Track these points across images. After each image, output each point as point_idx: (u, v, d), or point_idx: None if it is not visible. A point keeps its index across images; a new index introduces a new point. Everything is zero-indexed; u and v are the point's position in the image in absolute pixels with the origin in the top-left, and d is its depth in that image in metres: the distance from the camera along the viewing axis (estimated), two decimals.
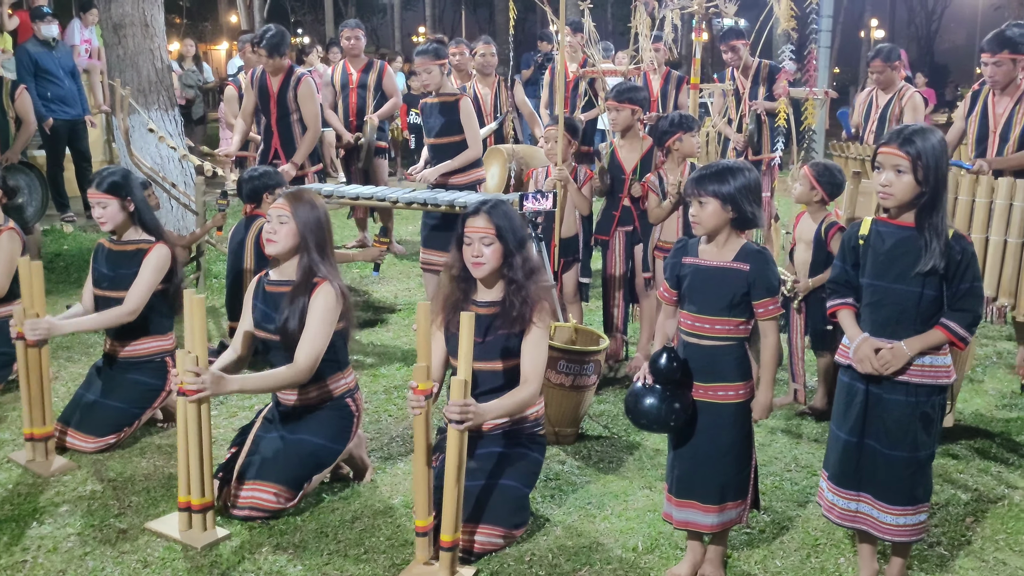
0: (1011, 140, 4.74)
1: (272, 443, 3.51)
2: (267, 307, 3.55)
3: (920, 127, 2.73)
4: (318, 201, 3.60)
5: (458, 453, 2.91)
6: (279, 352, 3.52)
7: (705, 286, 2.88)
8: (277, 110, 6.15)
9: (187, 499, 3.25)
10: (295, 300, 3.46)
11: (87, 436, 3.95)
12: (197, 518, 3.24)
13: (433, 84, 5.55)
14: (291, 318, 3.44)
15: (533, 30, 23.07)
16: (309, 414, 3.57)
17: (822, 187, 4.23)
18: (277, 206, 3.53)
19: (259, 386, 3.47)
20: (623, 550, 3.20)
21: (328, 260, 3.55)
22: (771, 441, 4.17)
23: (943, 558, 3.18)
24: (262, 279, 3.64)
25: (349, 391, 3.65)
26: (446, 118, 5.58)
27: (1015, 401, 4.65)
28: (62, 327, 3.91)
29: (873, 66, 6.18)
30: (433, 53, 5.58)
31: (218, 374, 3.22)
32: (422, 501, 2.99)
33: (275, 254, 3.54)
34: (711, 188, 2.83)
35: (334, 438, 3.56)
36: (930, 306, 2.72)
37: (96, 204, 4.05)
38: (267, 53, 6.00)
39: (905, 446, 2.76)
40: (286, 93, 6.12)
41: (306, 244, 3.49)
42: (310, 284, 3.47)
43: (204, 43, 31.99)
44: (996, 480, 3.79)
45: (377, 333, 5.81)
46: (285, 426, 3.56)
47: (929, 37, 37.24)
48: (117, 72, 7.26)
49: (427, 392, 2.94)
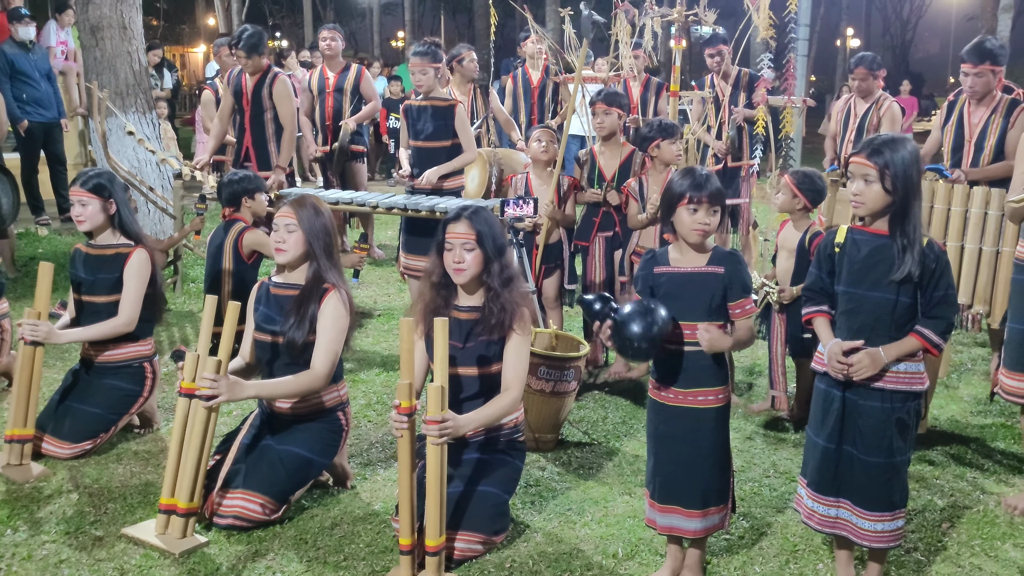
0: (986, 149, 4.80)
1: (260, 453, 3.48)
2: (270, 310, 3.53)
3: (891, 137, 2.76)
4: (322, 206, 3.59)
5: (438, 461, 2.92)
6: (282, 358, 3.50)
7: (682, 292, 2.90)
8: (251, 108, 6.12)
9: (172, 502, 3.23)
10: (304, 305, 3.44)
11: (63, 442, 3.90)
12: (179, 522, 3.22)
13: (426, 86, 5.53)
14: (298, 323, 3.42)
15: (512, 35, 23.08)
16: (299, 425, 3.54)
17: (804, 194, 4.26)
18: (283, 214, 3.51)
19: (275, 391, 3.45)
20: (603, 556, 3.21)
21: (335, 265, 3.55)
22: (749, 447, 4.19)
23: (920, 563, 3.20)
24: (266, 283, 3.62)
25: (341, 404, 3.63)
26: (437, 122, 5.57)
27: (990, 407, 4.70)
28: (59, 336, 3.89)
29: (856, 73, 6.22)
30: (431, 55, 5.57)
31: (234, 379, 3.21)
32: (407, 519, 2.98)
33: (286, 262, 3.53)
34: (720, 197, 2.89)
35: (322, 452, 3.54)
36: (905, 313, 2.75)
37: (77, 202, 4.01)
38: (245, 53, 5.97)
39: (882, 452, 2.79)
40: (260, 91, 6.09)
41: (314, 250, 3.49)
42: (320, 290, 3.46)
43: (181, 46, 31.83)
44: (971, 486, 3.83)
45: (357, 339, 5.78)
46: (274, 436, 3.53)
47: (904, 46, 37.64)
48: (94, 74, 7.21)
49: (410, 411, 2.93)
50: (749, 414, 4.58)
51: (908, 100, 14.14)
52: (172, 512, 3.24)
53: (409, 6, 30.89)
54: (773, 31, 5.42)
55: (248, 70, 6.07)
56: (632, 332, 2.78)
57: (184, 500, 3.22)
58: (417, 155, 5.73)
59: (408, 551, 2.98)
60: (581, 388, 4.64)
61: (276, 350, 3.51)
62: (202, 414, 3.19)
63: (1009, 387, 3.58)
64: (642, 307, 2.82)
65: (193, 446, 3.21)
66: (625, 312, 2.82)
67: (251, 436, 3.57)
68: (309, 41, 23.33)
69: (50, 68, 8.70)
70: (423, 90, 5.53)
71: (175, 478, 3.25)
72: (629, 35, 5.85)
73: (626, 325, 2.80)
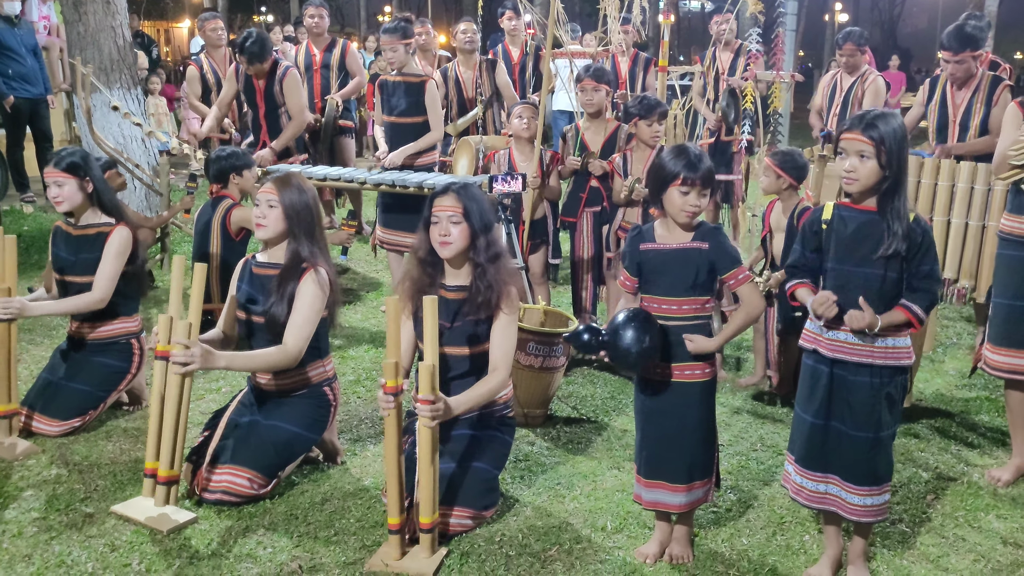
0: (971, 129, 4.81)
1: (247, 428, 3.49)
2: (253, 288, 3.54)
3: (881, 112, 2.77)
4: (306, 184, 3.58)
5: (430, 441, 2.94)
6: (262, 335, 3.50)
7: (668, 268, 2.91)
8: (265, 104, 6.14)
9: (154, 466, 3.25)
10: (283, 284, 3.44)
11: (52, 420, 3.90)
12: (161, 490, 3.23)
13: (398, 63, 5.52)
14: (278, 302, 3.43)
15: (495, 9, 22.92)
16: (286, 400, 3.56)
17: (787, 174, 4.27)
18: (265, 190, 3.51)
19: (247, 364, 3.46)
20: (592, 530, 3.23)
21: (317, 244, 3.54)
22: (736, 421, 4.23)
23: (905, 535, 3.24)
24: (249, 261, 3.62)
25: (327, 379, 3.64)
26: (410, 99, 5.54)
27: (974, 381, 4.74)
28: (32, 308, 3.86)
29: (844, 49, 6.22)
30: (401, 32, 5.53)
31: (207, 348, 3.20)
32: (395, 499, 2.99)
33: (265, 238, 3.53)
34: (711, 177, 2.87)
35: (310, 427, 3.55)
36: (892, 288, 2.77)
37: (52, 183, 3.98)
38: (248, 61, 5.94)
39: (870, 426, 2.81)
40: (272, 87, 6.09)
41: (294, 228, 3.48)
42: (299, 269, 3.46)
43: (166, 20, 31.49)
44: (956, 459, 3.87)
45: (345, 315, 5.79)
46: (261, 411, 3.55)
47: (892, 21, 37.62)
48: (78, 50, 7.13)
49: (396, 390, 2.93)
50: (737, 388, 4.61)
51: (896, 75, 14.16)
52: (153, 477, 3.25)
53: None
54: (762, 5, 5.41)
55: (252, 73, 6.04)
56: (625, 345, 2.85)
57: (164, 467, 3.23)
58: (390, 131, 5.71)
59: (396, 530, 3.00)
60: (570, 363, 4.67)
61: (258, 328, 3.51)
62: (175, 380, 3.20)
63: (993, 361, 3.61)
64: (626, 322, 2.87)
65: (170, 412, 3.22)
66: (613, 328, 2.88)
67: (239, 412, 3.58)
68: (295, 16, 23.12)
69: (36, 43, 8.61)
70: (395, 66, 5.53)
71: (157, 442, 3.26)
72: (618, 10, 5.83)
73: (616, 343, 2.86)
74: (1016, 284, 3.53)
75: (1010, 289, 3.55)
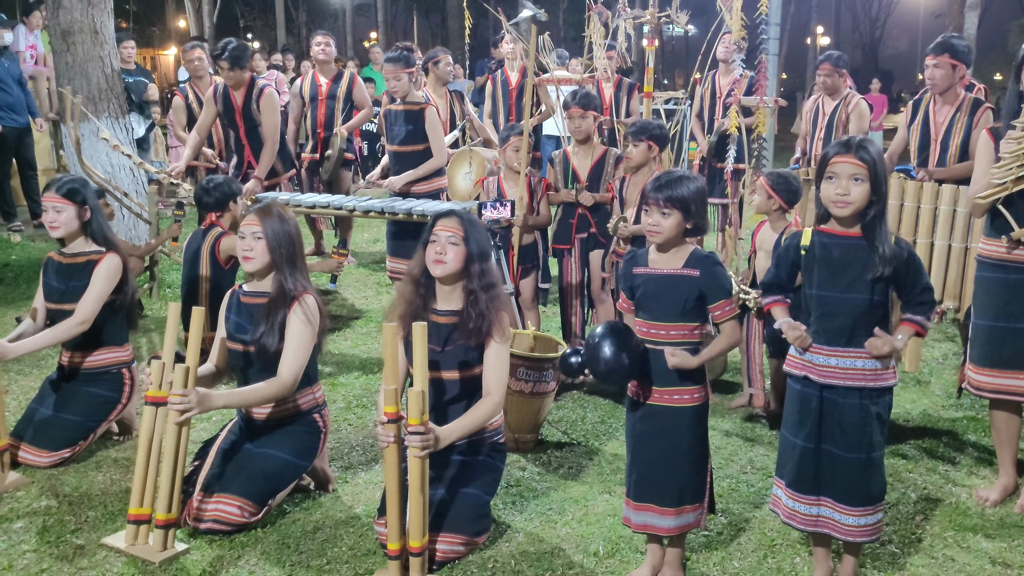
0: (951, 148, 4.87)
1: (237, 457, 3.50)
2: (241, 318, 3.55)
3: (865, 137, 2.83)
4: (287, 214, 3.61)
5: (420, 468, 2.96)
6: (253, 366, 3.51)
7: (658, 293, 2.94)
8: (244, 123, 6.13)
9: (139, 511, 3.23)
10: (272, 313, 3.46)
11: (41, 451, 3.89)
12: (159, 534, 3.21)
13: (401, 91, 5.56)
14: (268, 332, 3.44)
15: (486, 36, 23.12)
16: (276, 428, 3.56)
17: (779, 195, 4.31)
18: (248, 222, 3.53)
19: (244, 400, 3.46)
20: (584, 555, 3.24)
21: (301, 272, 3.56)
22: (727, 444, 4.25)
23: (894, 556, 3.26)
24: (236, 291, 3.64)
25: (317, 406, 3.64)
26: (411, 126, 5.59)
27: (960, 401, 4.78)
28: (13, 350, 3.83)
29: (821, 69, 6.30)
30: (404, 61, 5.59)
31: (204, 391, 3.20)
32: (395, 525, 3.00)
33: (253, 271, 3.54)
34: (676, 198, 2.88)
35: (300, 454, 3.55)
36: (878, 311, 2.82)
37: (51, 208, 3.99)
38: (228, 65, 5.96)
39: (862, 447, 2.84)
40: (250, 105, 6.10)
41: (278, 258, 3.50)
42: (288, 298, 3.48)
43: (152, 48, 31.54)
44: (943, 479, 3.90)
45: (335, 342, 5.79)
46: (251, 440, 3.55)
47: (873, 44, 38.07)
48: (66, 79, 7.15)
49: (396, 416, 2.95)
50: (727, 411, 4.63)
51: (878, 98, 14.29)
52: (140, 522, 3.23)
53: (382, 7, 30.83)
54: (745, 31, 5.48)
55: (230, 83, 6.05)
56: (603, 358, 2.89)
57: (162, 511, 3.21)
58: (392, 159, 5.75)
59: (396, 556, 3.01)
60: (560, 388, 4.68)
61: (249, 358, 3.52)
62: (173, 428, 3.19)
63: (977, 382, 3.66)
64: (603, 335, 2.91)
65: (167, 458, 3.20)
66: (591, 343, 2.93)
67: (229, 441, 3.58)
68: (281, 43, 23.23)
69: (22, 73, 8.63)
70: (398, 95, 5.57)
71: (143, 487, 3.24)
72: (603, 37, 5.90)
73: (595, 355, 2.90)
74: (995, 305, 3.59)
75: (990, 311, 3.60)
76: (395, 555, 3.01)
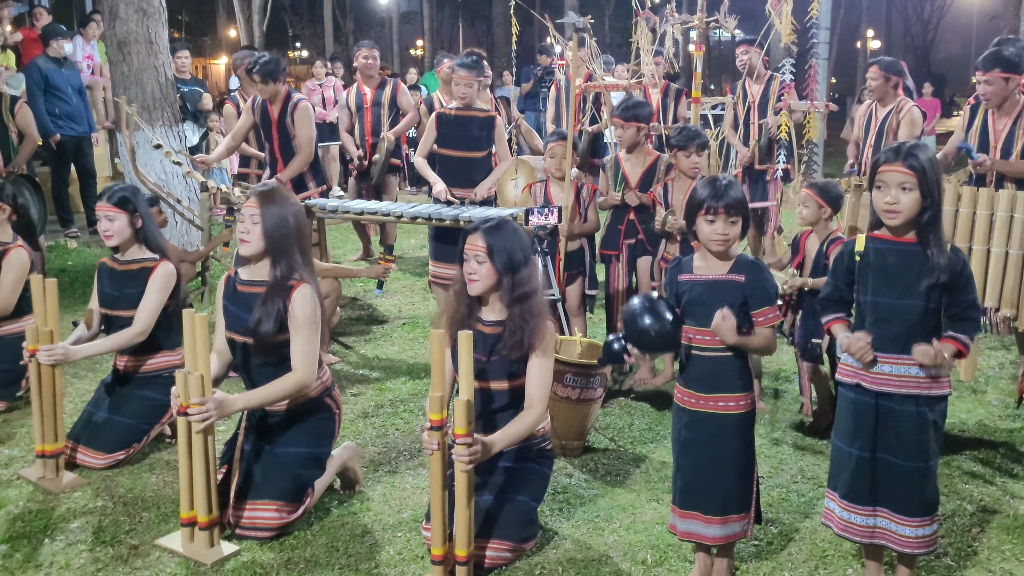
0: (1013, 156, 4.78)
1: (262, 461, 3.50)
2: (238, 308, 3.50)
3: (916, 143, 2.78)
4: (291, 198, 3.56)
5: (466, 480, 2.95)
6: (254, 359, 3.50)
7: (703, 300, 2.91)
8: (279, 137, 6.20)
9: (191, 515, 3.27)
10: (269, 301, 3.41)
11: (97, 452, 3.97)
12: (203, 535, 3.25)
13: (470, 98, 5.62)
14: (264, 319, 3.39)
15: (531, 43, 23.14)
16: (289, 421, 3.55)
17: (828, 204, 4.30)
18: (248, 205, 3.48)
19: (264, 399, 3.44)
20: (632, 563, 3.22)
21: (303, 259, 3.51)
22: (776, 452, 4.20)
23: (950, 568, 3.20)
24: (232, 278, 3.59)
25: (327, 389, 3.63)
26: (480, 133, 5.64)
27: (1018, 411, 4.67)
28: (76, 353, 3.89)
29: (870, 72, 6.18)
30: (478, 69, 5.65)
31: (221, 396, 3.22)
32: (439, 531, 3.00)
33: (248, 255, 3.49)
34: (738, 205, 2.87)
35: (319, 442, 3.56)
36: (932, 318, 2.77)
37: (104, 217, 4.07)
38: (261, 79, 6.04)
39: (920, 456, 2.80)
40: (285, 119, 6.18)
41: (277, 243, 3.44)
42: (286, 286, 3.43)
43: (204, 57, 32.11)
44: (1001, 491, 3.81)
45: (382, 347, 5.83)
46: (268, 439, 3.55)
47: (925, 47, 37.39)
48: (122, 89, 7.32)
49: (441, 423, 2.94)
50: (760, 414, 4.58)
51: (930, 102, 14.04)
52: (192, 525, 3.28)
53: (428, 15, 31.06)
54: (795, 36, 5.43)
55: (265, 96, 6.13)
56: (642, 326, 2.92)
57: (203, 514, 3.25)
58: (453, 165, 5.76)
59: (440, 561, 3.01)
60: (607, 395, 4.66)
61: (248, 352, 3.50)
62: (199, 436, 3.22)
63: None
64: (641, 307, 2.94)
65: (198, 463, 3.22)
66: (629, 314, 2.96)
67: (249, 442, 3.57)
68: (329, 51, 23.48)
69: (81, 83, 8.84)
70: (465, 102, 5.60)
71: (190, 491, 3.27)
72: (650, 43, 5.88)
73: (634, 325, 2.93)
74: None
75: None
76: (439, 560, 3.01)
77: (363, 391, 4.96)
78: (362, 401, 4.82)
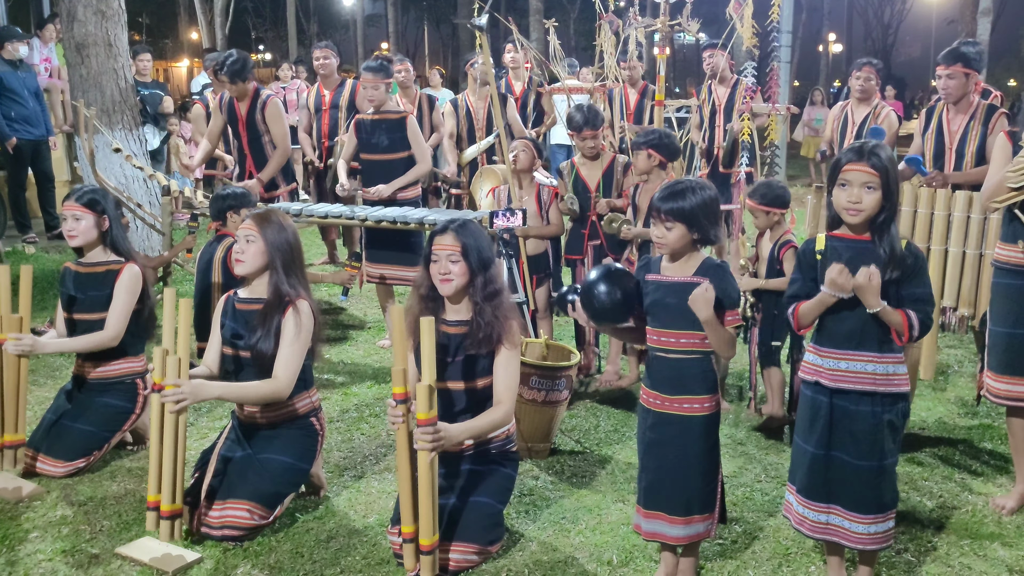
0: (967, 156, 4.85)
1: (239, 462, 3.51)
2: (237, 325, 3.57)
3: (876, 143, 2.81)
4: (286, 221, 3.64)
5: (429, 463, 2.96)
6: (250, 370, 3.53)
7: (667, 301, 2.93)
8: (247, 133, 6.16)
9: (157, 498, 3.29)
10: (267, 319, 3.49)
11: (56, 460, 3.91)
12: (165, 524, 3.27)
13: (378, 101, 5.61)
14: (264, 337, 3.47)
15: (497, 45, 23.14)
16: (274, 433, 3.58)
17: (773, 206, 4.36)
18: (245, 227, 3.57)
19: (240, 395, 3.49)
20: (598, 564, 3.23)
21: (299, 278, 3.59)
22: (741, 452, 4.23)
23: (910, 564, 3.24)
24: (231, 297, 3.66)
25: (314, 410, 3.66)
26: (393, 135, 5.63)
27: (977, 409, 4.75)
28: (44, 346, 3.92)
29: (863, 71, 6.21)
30: (384, 71, 5.64)
31: (198, 381, 3.27)
32: (407, 508, 3.01)
33: (244, 274, 3.59)
34: (677, 211, 2.86)
35: (301, 457, 3.57)
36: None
37: (70, 216, 4.02)
38: (229, 79, 6.00)
39: (874, 455, 2.82)
40: (254, 115, 6.13)
41: (275, 263, 3.54)
42: (282, 303, 3.51)
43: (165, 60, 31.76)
44: (960, 487, 3.87)
45: (347, 352, 5.80)
46: (252, 445, 3.56)
47: (886, 50, 37.90)
48: (80, 92, 7.22)
49: (405, 396, 2.96)
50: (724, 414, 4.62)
51: (894, 104, 14.24)
52: (156, 510, 3.28)
53: (393, 18, 30.97)
54: (756, 40, 5.48)
55: (234, 95, 6.09)
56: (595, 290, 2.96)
57: (167, 502, 3.26)
58: (372, 168, 5.75)
59: (410, 539, 3.02)
60: (573, 397, 4.67)
61: (241, 362, 3.55)
62: (171, 417, 3.26)
63: (995, 389, 3.63)
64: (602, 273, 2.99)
65: (168, 449, 3.27)
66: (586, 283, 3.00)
67: (228, 448, 3.59)
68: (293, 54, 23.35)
69: (38, 86, 8.70)
70: (375, 105, 5.60)
71: (159, 474, 3.29)
72: (613, 45, 5.91)
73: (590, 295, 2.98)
74: (1014, 312, 3.56)
75: (1009, 317, 3.57)
76: (410, 538, 3.02)
77: (328, 396, 4.93)
78: (327, 406, 4.79)
